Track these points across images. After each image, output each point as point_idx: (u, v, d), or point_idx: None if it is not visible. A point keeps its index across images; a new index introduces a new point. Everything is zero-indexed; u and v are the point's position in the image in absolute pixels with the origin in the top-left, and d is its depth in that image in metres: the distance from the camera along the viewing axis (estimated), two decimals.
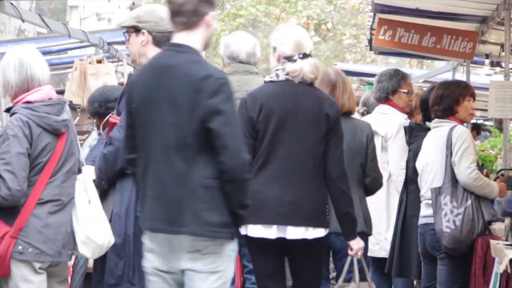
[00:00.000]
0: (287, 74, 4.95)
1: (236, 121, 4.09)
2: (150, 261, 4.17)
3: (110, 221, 4.97)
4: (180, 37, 4.14)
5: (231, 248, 4.13)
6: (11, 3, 6.62)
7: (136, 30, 5.20)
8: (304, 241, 4.87)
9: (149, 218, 4.13)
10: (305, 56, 4.93)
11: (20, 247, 4.59)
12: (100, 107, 6.08)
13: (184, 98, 4.02)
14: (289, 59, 4.95)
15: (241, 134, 4.20)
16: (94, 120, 6.19)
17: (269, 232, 4.85)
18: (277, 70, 5.00)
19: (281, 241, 4.88)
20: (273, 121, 4.83)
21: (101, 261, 5.13)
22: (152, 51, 5.20)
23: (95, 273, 5.29)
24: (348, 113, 5.68)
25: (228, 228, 4.08)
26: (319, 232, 4.89)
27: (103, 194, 5.05)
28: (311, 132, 4.87)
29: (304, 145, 4.87)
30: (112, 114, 5.31)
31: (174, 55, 4.13)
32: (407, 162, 6.58)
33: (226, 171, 4.00)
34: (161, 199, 4.07)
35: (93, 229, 4.77)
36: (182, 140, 4.02)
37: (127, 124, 4.26)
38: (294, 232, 4.85)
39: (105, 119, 5.75)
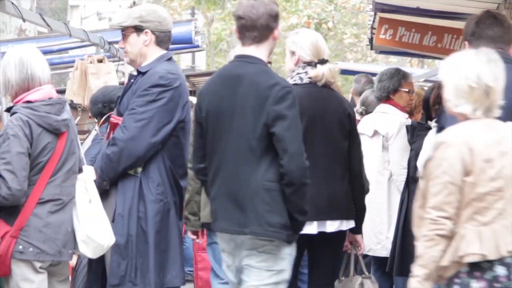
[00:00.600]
0: (310, 78, 5.14)
1: (298, 127, 4.37)
2: (225, 261, 4.57)
3: (112, 221, 4.98)
4: (250, 50, 4.49)
5: (288, 252, 4.41)
6: (12, 3, 6.62)
7: (138, 29, 5.19)
8: (333, 233, 5.12)
9: (217, 220, 4.48)
10: (323, 61, 5.14)
11: (20, 247, 4.59)
12: (104, 108, 6.08)
13: (252, 104, 4.34)
14: (309, 64, 5.15)
15: (301, 139, 4.39)
16: (96, 120, 6.19)
17: (311, 228, 5.01)
18: (299, 73, 5.17)
19: (312, 235, 5.06)
20: (304, 121, 4.88)
21: (96, 261, 5.13)
22: (154, 51, 5.21)
23: (90, 273, 5.30)
24: None
25: (286, 231, 4.35)
26: (350, 224, 5.17)
27: (105, 194, 5.05)
28: (338, 130, 5.13)
29: (333, 143, 5.12)
30: (112, 114, 5.30)
31: (244, 66, 4.46)
32: (409, 161, 6.58)
33: (286, 174, 4.29)
34: (227, 202, 4.40)
35: (93, 228, 4.77)
36: (247, 145, 4.35)
37: (197, 134, 4.56)
38: (332, 226, 5.10)
39: (103, 118, 5.74)
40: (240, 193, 4.34)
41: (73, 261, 5.92)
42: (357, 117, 6.66)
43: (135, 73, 5.26)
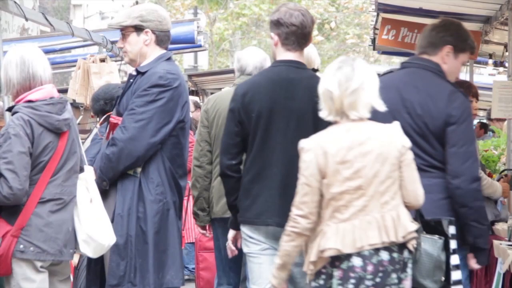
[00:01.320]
0: None
1: None
2: (256, 245, 4.80)
3: (112, 221, 4.97)
4: (295, 55, 4.82)
5: None
6: (15, 2, 6.62)
7: (138, 29, 5.18)
8: None
9: (264, 215, 4.71)
10: (314, 71, 5.27)
11: (21, 246, 4.59)
12: (105, 105, 6.08)
13: (309, 107, 4.60)
14: None
15: None
16: (98, 118, 6.18)
17: None
18: None
19: None
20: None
21: (95, 261, 5.12)
22: (154, 50, 5.20)
23: (89, 273, 5.29)
24: None
25: None
26: None
27: (104, 195, 5.04)
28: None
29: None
30: (112, 114, 5.29)
31: (295, 71, 4.77)
32: None
33: None
34: (279, 199, 4.63)
35: (94, 228, 4.77)
36: None
37: (233, 132, 4.76)
38: None
39: (103, 117, 5.74)
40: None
41: (75, 260, 5.92)
42: None
43: (134, 73, 5.25)
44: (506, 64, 9.99)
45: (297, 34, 4.78)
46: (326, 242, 4.16)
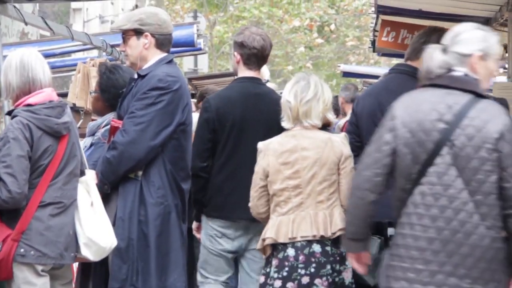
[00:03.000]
0: None
1: None
2: (220, 245, 5.43)
3: (113, 225, 4.97)
4: (255, 73, 5.56)
5: None
6: (14, 6, 6.62)
7: (138, 33, 5.18)
8: None
9: (234, 210, 5.36)
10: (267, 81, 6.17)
11: (22, 250, 4.59)
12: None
13: (274, 117, 5.14)
14: None
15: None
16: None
17: None
18: None
19: None
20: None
21: (100, 264, 5.12)
22: (154, 54, 5.20)
23: (95, 277, 5.29)
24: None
25: None
26: None
27: (106, 198, 5.04)
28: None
29: None
30: (113, 118, 5.29)
31: (258, 86, 5.55)
32: None
33: None
34: (246, 195, 5.02)
35: (95, 231, 4.76)
36: None
37: (206, 138, 5.41)
38: None
39: (104, 123, 5.70)
40: None
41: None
42: None
43: (135, 76, 5.25)
44: (506, 66, 9.99)
45: (257, 56, 5.52)
46: (266, 232, 4.84)
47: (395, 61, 26.78)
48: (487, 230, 3.87)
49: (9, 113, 4.78)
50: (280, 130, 4.95)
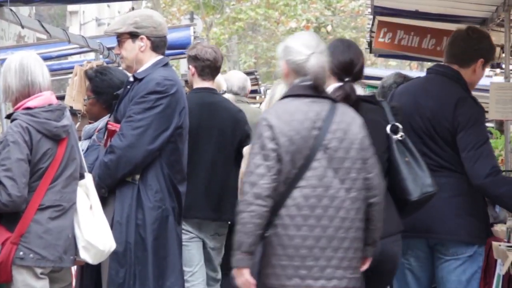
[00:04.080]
0: None
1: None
2: (185, 236, 5.70)
3: (111, 228, 4.96)
4: (209, 83, 6.13)
5: None
6: (11, 9, 6.62)
7: (133, 36, 5.18)
8: None
9: (194, 209, 5.90)
10: (223, 93, 6.66)
11: (21, 253, 4.59)
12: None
13: (228, 123, 5.92)
14: None
15: None
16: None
17: None
18: None
19: None
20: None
21: (91, 267, 5.11)
22: (150, 56, 5.20)
23: (85, 279, 5.28)
24: None
25: None
26: None
27: (103, 202, 5.03)
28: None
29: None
30: (109, 121, 5.28)
31: (213, 96, 6.12)
32: None
33: None
34: (205, 194, 5.82)
35: (94, 234, 4.76)
36: (226, 153, 6.13)
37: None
38: None
39: (99, 126, 5.69)
40: (219, 189, 5.96)
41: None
42: None
43: (131, 79, 5.25)
44: (503, 66, 9.99)
45: (211, 67, 6.08)
46: None
47: (392, 62, 26.78)
48: (361, 223, 4.28)
49: (8, 116, 4.78)
50: (233, 136, 5.71)
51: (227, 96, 6.87)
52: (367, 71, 18.44)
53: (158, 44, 5.23)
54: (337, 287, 4.20)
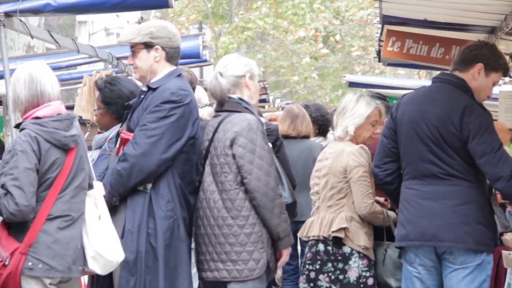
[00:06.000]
0: None
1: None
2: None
3: (122, 237, 4.96)
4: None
5: None
6: (20, 20, 6.64)
7: (148, 46, 5.18)
8: None
9: None
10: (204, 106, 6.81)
11: (30, 263, 4.59)
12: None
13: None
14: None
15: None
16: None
17: None
18: None
19: None
20: None
21: (103, 277, 5.09)
22: (164, 67, 5.20)
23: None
24: (305, 137, 7.74)
25: None
26: None
27: (114, 210, 5.03)
28: None
29: None
30: (122, 130, 5.28)
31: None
32: None
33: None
34: None
35: (102, 244, 4.76)
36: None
37: None
38: None
39: (110, 135, 5.69)
40: None
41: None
42: None
43: (145, 88, 5.25)
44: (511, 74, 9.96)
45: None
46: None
47: (401, 71, 26.76)
48: (233, 220, 5.02)
49: (17, 126, 4.79)
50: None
51: (208, 109, 6.83)
52: (376, 80, 18.44)
53: (172, 55, 5.23)
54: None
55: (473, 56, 5.02)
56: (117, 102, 5.67)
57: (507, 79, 11.39)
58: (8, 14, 6.49)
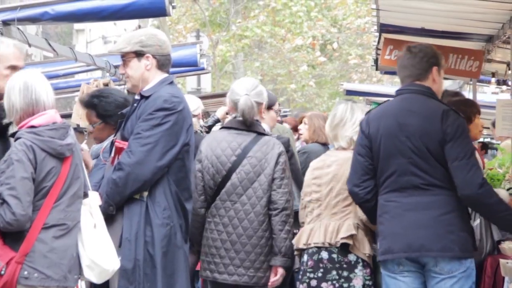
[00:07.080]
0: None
1: None
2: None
3: (119, 246, 4.95)
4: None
5: None
6: (18, 28, 6.65)
7: (139, 55, 5.19)
8: None
9: None
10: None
11: (25, 272, 4.57)
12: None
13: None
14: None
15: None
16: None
17: None
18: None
19: None
20: None
21: (100, 286, 5.09)
22: (155, 75, 5.21)
23: None
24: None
25: None
26: None
27: (111, 219, 5.03)
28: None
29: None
30: (116, 139, 5.28)
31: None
32: None
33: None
34: None
35: (98, 253, 4.75)
36: None
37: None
38: None
39: (105, 144, 5.69)
40: None
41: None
42: None
43: (138, 97, 5.25)
44: (509, 83, 10.00)
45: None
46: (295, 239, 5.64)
47: (398, 79, 26.77)
48: (263, 232, 5.53)
49: (13, 135, 4.78)
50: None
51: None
52: (373, 88, 18.46)
53: (164, 63, 5.24)
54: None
55: (427, 62, 5.10)
56: (116, 112, 5.68)
57: (504, 87, 11.40)
58: (6, 23, 6.50)
